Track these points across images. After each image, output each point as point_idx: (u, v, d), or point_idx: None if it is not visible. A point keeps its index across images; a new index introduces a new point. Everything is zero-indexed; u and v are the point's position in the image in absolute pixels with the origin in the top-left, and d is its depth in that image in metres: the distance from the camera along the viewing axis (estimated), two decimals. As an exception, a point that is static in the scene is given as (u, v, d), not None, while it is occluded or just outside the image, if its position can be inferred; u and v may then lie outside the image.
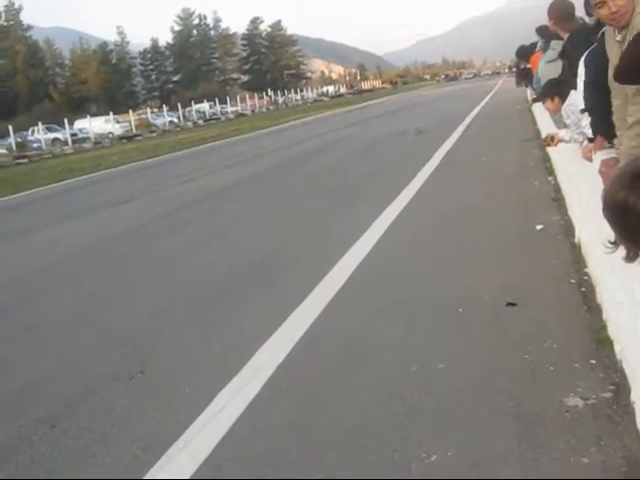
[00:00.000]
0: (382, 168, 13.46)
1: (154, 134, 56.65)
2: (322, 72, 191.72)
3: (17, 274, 8.28)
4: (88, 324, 5.77)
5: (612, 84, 3.66)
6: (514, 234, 6.69)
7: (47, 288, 7.37)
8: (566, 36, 6.28)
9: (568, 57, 6.15)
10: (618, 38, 3.43)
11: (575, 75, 5.01)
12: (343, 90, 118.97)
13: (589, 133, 4.51)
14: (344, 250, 6.75)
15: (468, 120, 22.10)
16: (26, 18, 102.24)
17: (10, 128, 52.98)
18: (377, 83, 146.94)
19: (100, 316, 5.95)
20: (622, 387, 3.30)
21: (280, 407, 3.67)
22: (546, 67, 7.47)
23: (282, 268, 6.66)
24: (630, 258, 1.72)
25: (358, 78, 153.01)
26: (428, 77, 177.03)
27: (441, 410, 3.39)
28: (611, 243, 1.80)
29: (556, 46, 6.91)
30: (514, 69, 24.27)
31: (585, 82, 4.17)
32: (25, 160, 42.03)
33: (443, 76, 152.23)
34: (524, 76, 12.40)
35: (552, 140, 5.90)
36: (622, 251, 1.70)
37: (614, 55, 3.52)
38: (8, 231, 12.14)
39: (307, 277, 6.01)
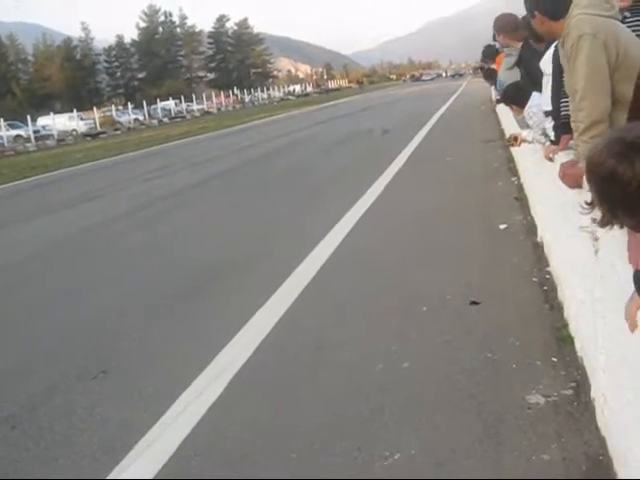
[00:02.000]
0: (347, 167, 13.47)
1: (119, 132, 56.14)
2: (289, 71, 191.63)
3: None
4: (50, 322, 5.70)
5: (567, 88, 3.70)
6: (478, 233, 6.75)
7: (8, 286, 7.26)
8: (519, 45, 6.38)
9: (524, 65, 6.24)
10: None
11: (533, 82, 5.09)
12: (310, 89, 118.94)
13: (552, 135, 4.56)
14: (309, 250, 6.76)
15: (433, 120, 22.26)
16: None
17: (-29, 124, 52.17)
18: (344, 82, 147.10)
19: (62, 314, 5.88)
20: (582, 384, 3.35)
21: (244, 406, 3.65)
22: (507, 73, 7.53)
23: (248, 266, 6.64)
24: (604, 223, 1.74)
25: (325, 77, 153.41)
26: (394, 77, 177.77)
27: (404, 409, 3.40)
28: (587, 204, 1.83)
29: (512, 52, 6.96)
30: (479, 70, 24.50)
31: (554, 85, 4.20)
32: (-14, 157, 41.39)
33: (409, 76, 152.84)
34: (489, 76, 12.52)
35: (515, 140, 5.97)
36: (582, 249, 1.73)
37: (563, 60, 3.58)
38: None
39: (272, 275, 5.99)
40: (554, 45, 4.12)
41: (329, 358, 4.15)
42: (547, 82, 4.41)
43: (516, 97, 5.49)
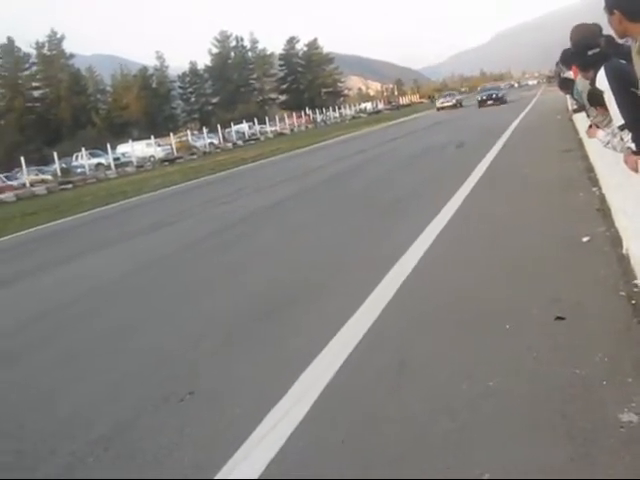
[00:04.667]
0: (424, 183, 13.42)
1: (195, 156, 57.41)
2: (359, 89, 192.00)
3: (66, 297, 8.43)
4: (132, 348, 5.83)
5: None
6: (560, 246, 6.60)
7: (92, 312, 7.47)
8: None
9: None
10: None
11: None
12: (381, 106, 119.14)
13: (633, 146, 4.45)
14: (390, 265, 6.73)
15: (508, 132, 21.95)
16: (68, 46, 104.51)
17: (55, 154, 54.24)
18: (415, 98, 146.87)
19: (145, 338, 6.02)
20: (678, 401, 3.23)
21: (329, 427, 3.66)
22: (584, 81, 7.41)
23: (325, 287, 6.65)
24: None
25: (395, 93, 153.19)
26: (466, 90, 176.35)
27: (492, 427, 3.35)
28: None
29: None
30: (553, 79, 24.07)
31: (617, 99, 4.11)
32: (70, 185, 42.98)
33: (479, 88, 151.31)
34: (564, 86, 12.31)
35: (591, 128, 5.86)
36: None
37: (638, 66, 3.49)
38: (60, 255, 12.42)
39: (351, 296, 5.99)
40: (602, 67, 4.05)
41: (412, 376, 4.11)
42: (609, 99, 4.32)
43: (601, 98, 5.39)
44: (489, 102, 55.90)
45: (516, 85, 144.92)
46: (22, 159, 47.98)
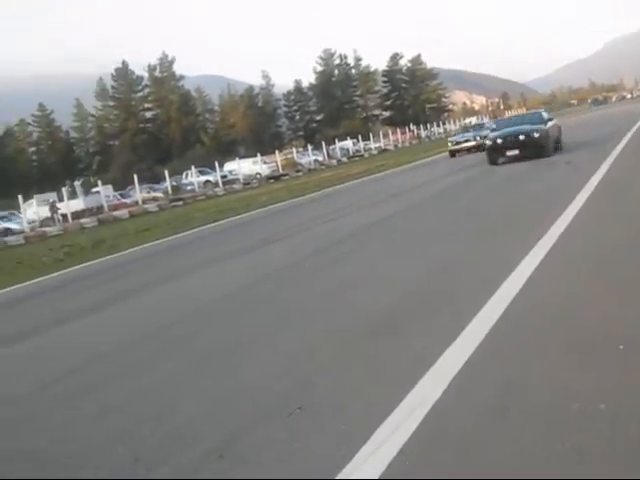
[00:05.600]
0: (535, 197, 13.08)
1: (300, 173, 58.13)
2: (464, 103, 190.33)
3: (185, 310, 8.71)
4: (246, 360, 5.95)
5: None
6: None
7: (206, 326, 7.66)
8: None
9: None
10: None
11: None
12: (486, 120, 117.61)
13: None
14: (494, 287, 6.58)
15: (619, 147, 21.08)
16: (177, 68, 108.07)
17: (166, 173, 56.11)
18: (522, 111, 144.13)
19: (256, 353, 6.13)
20: None
21: (436, 445, 3.63)
22: None
23: (436, 303, 6.57)
24: None
25: (501, 107, 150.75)
26: (575, 102, 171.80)
27: (604, 451, 3.23)
28: None
29: None
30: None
31: None
32: (180, 202, 44.31)
33: (590, 100, 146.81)
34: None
35: None
36: None
37: None
38: (181, 267, 13.03)
39: (462, 313, 5.90)
40: None
41: (520, 398, 4.01)
42: None
43: None
44: (508, 154, 23.15)
45: (628, 96, 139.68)
46: (135, 177, 49.85)
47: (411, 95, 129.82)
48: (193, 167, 58.96)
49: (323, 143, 73.68)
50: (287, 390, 4.92)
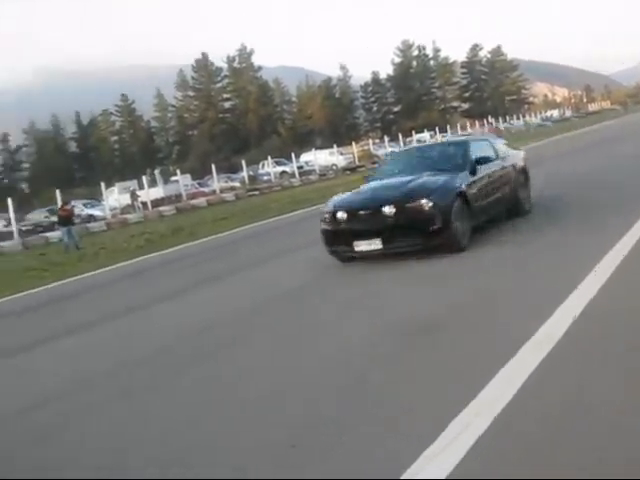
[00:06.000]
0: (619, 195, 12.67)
1: (377, 165, 57.65)
2: (545, 96, 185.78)
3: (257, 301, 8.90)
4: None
5: None
6: None
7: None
8: None
9: None
10: None
11: None
12: (569, 113, 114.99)
13: None
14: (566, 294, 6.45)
15: None
16: (256, 59, 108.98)
17: (243, 163, 56.74)
18: (605, 104, 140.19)
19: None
20: None
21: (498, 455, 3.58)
22: None
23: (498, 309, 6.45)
24: None
25: (584, 100, 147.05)
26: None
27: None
28: None
29: None
30: None
31: None
32: (257, 192, 44.77)
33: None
34: None
35: None
36: None
37: None
38: (259, 255, 13.50)
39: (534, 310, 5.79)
40: None
41: (588, 413, 3.88)
42: None
43: None
44: (358, 247, 9.68)
45: None
46: (213, 167, 50.59)
47: (490, 87, 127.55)
48: (270, 157, 59.45)
49: (400, 135, 73.15)
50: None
